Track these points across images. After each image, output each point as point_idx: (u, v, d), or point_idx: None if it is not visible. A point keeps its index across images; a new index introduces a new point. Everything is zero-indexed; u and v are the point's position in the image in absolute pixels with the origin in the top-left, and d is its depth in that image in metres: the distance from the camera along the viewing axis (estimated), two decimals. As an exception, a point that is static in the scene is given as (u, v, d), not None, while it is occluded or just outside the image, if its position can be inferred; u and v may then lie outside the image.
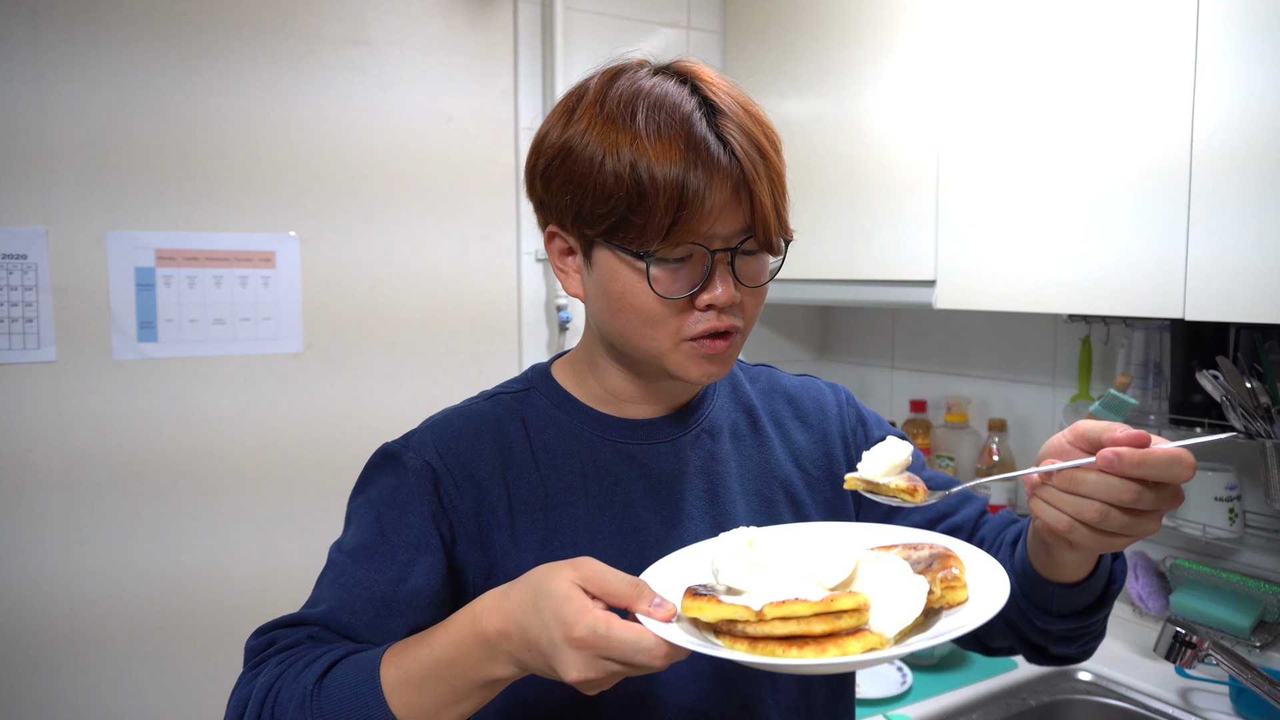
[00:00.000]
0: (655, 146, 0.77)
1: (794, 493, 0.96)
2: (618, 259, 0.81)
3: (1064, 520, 0.67)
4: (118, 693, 1.74)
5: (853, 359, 2.50)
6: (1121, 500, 0.64)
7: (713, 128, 0.79)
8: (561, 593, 0.65)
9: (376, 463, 0.88)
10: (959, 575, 0.69)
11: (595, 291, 0.85)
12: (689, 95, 0.80)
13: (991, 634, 0.91)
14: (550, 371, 0.96)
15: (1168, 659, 1.42)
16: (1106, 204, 1.46)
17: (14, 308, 1.64)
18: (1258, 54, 1.26)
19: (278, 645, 0.78)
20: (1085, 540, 0.68)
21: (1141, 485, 0.64)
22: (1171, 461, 0.63)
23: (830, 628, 0.63)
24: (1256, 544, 1.64)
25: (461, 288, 2.08)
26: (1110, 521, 0.65)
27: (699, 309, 0.81)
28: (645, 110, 0.79)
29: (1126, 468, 0.64)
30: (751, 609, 0.64)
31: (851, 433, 1.01)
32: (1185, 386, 1.64)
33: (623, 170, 0.77)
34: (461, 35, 2.06)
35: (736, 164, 0.78)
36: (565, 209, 0.82)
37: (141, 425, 1.76)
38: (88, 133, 1.69)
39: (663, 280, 0.80)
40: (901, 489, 0.73)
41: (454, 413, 0.92)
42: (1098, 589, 0.82)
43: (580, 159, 0.80)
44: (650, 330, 0.82)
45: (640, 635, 0.63)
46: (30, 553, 1.67)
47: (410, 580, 0.81)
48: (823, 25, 2.02)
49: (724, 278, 0.80)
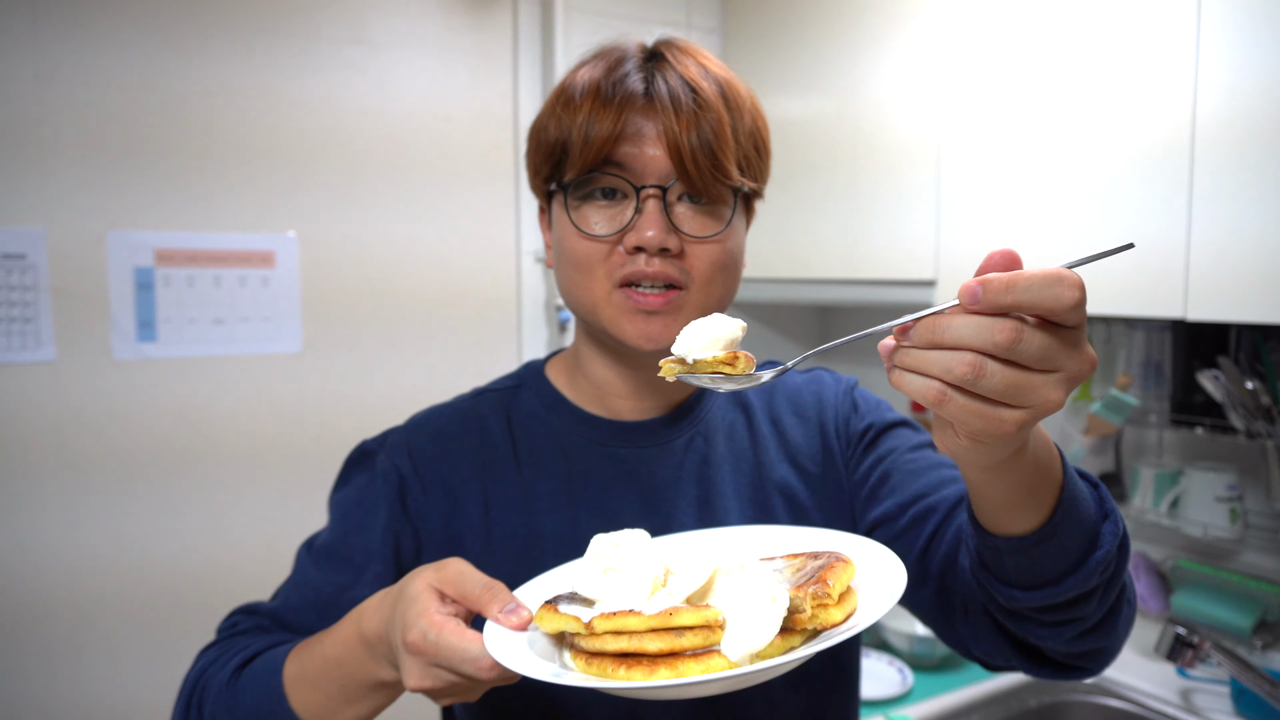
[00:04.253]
0: (583, 91, 0.80)
1: (792, 496, 0.89)
2: (559, 207, 0.83)
3: (934, 387, 0.50)
4: (115, 686, 1.74)
5: (853, 359, 2.50)
6: (997, 343, 0.47)
7: (643, 70, 0.80)
8: (412, 594, 0.63)
9: (354, 459, 0.88)
10: (829, 592, 0.57)
11: (553, 251, 0.86)
12: (637, 52, 0.83)
13: (980, 636, 0.75)
14: (544, 369, 0.93)
15: (1169, 659, 1.42)
16: (1108, 191, 1.46)
17: (13, 308, 1.64)
18: (1260, 34, 1.25)
19: (234, 630, 0.82)
20: (964, 415, 0.50)
21: (1020, 322, 0.48)
22: (1049, 280, 0.46)
23: (667, 646, 0.54)
24: (1257, 544, 1.64)
25: (461, 287, 2.08)
26: (990, 380, 0.48)
27: (627, 250, 0.79)
28: (590, 67, 0.83)
29: (994, 294, 0.47)
30: (582, 620, 0.57)
31: (843, 423, 0.92)
32: (1186, 386, 1.64)
33: (560, 119, 0.81)
34: (461, 35, 2.05)
35: (654, 97, 0.78)
36: (535, 175, 0.85)
37: (141, 425, 1.76)
38: (87, 133, 1.69)
39: (587, 218, 0.80)
40: (720, 360, 0.59)
41: (436, 411, 0.90)
42: (1069, 549, 0.61)
43: (539, 123, 0.84)
44: (582, 278, 0.81)
45: (467, 644, 0.58)
46: (31, 550, 1.67)
47: (355, 588, 0.80)
48: (822, 25, 2.02)
49: (654, 219, 0.78)
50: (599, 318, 0.81)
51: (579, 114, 0.79)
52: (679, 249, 0.79)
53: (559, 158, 0.81)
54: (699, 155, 0.77)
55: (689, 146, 0.77)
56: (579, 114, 0.79)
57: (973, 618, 0.75)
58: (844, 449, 0.92)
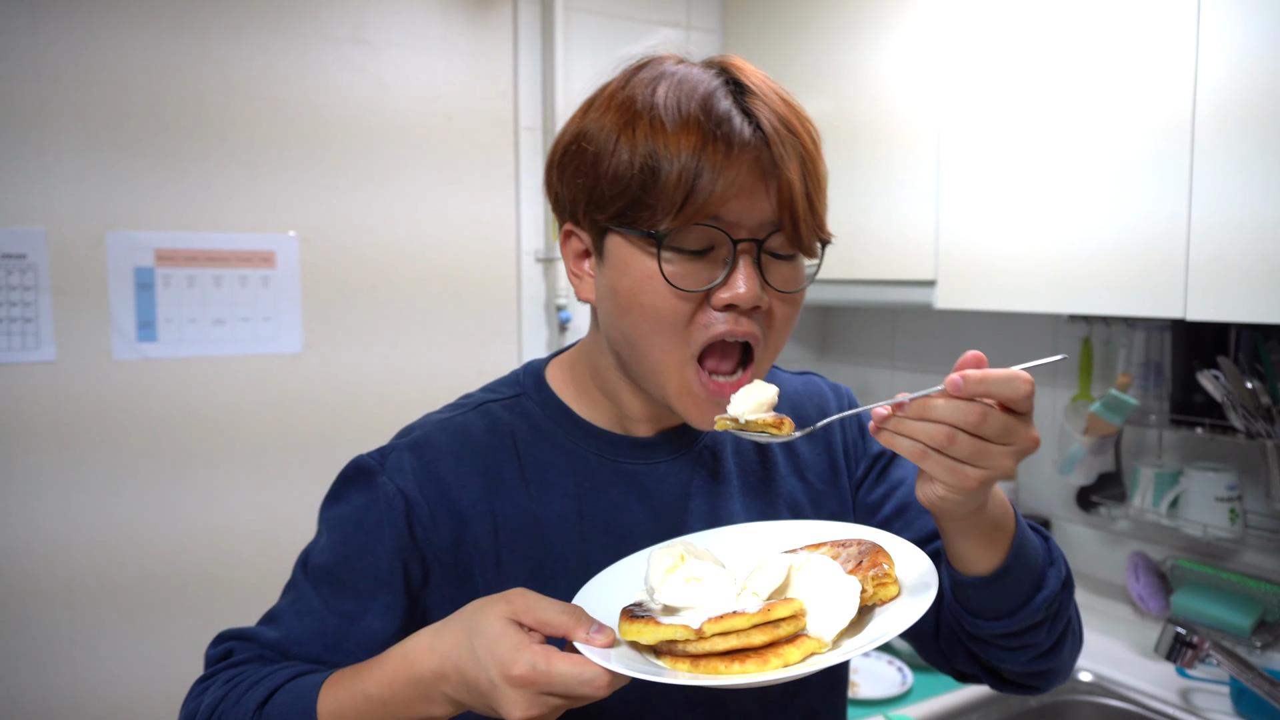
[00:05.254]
0: (672, 120, 0.71)
1: (799, 510, 0.91)
2: (629, 245, 0.74)
3: (917, 448, 0.65)
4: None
5: (853, 359, 2.50)
6: (968, 421, 0.63)
7: (738, 103, 0.72)
8: (495, 630, 0.63)
9: (349, 476, 0.82)
10: (889, 571, 0.68)
11: (605, 290, 0.77)
12: (715, 76, 0.74)
13: (955, 653, 0.86)
14: (544, 374, 0.88)
15: (1168, 659, 1.42)
16: (1108, 191, 1.46)
17: (13, 308, 1.64)
18: (1261, 17, 1.26)
19: (231, 660, 0.77)
20: (940, 471, 0.65)
21: (986, 408, 0.63)
22: (1009, 379, 0.63)
23: (770, 638, 0.62)
24: (1257, 544, 1.64)
25: (461, 288, 2.08)
26: (959, 446, 0.63)
27: (716, 308, 0.73)
28: (665, 89, 0.73)
29: (971, 386, 0.63)
30: (690, 627, 0.63)
31: (853, 444, 0.96)
32: (1186, 386, 1.64)
33: (636, 147, 0.71)
34: (461, 35, 2.05)
35: (761, 137, 0.71)
36: (578, 198, 0.76)
37: (141, 425, 1.76)
38: (87, 133, 1.69)
39: (677, 270, 0.73)
40: (768, 423, 0.71)
41: (436, 428, 0.83)
42: (1020, 589, 0.75)
43: (594, 141, 0.75)
44: (659, 336, 0.74)
45: (581, 667, 0.61)
46: (33, 548, 1.67)
47: (364, 619, 0.77)
48: (821, 25, 2.02)
49: (748, 274, 0.72)
50: (663, 386, 0.77)
51: (676, 150, 0.70)
52: (767, 305, 0.75)
53: (635, 194, 0.72)
54: (805, 208, 0.73)
55: (800, 199, 0.72)
56: (676, 150, 0.70)
57: (948, 639, 0.86)
58: (853, 470, 0.95)
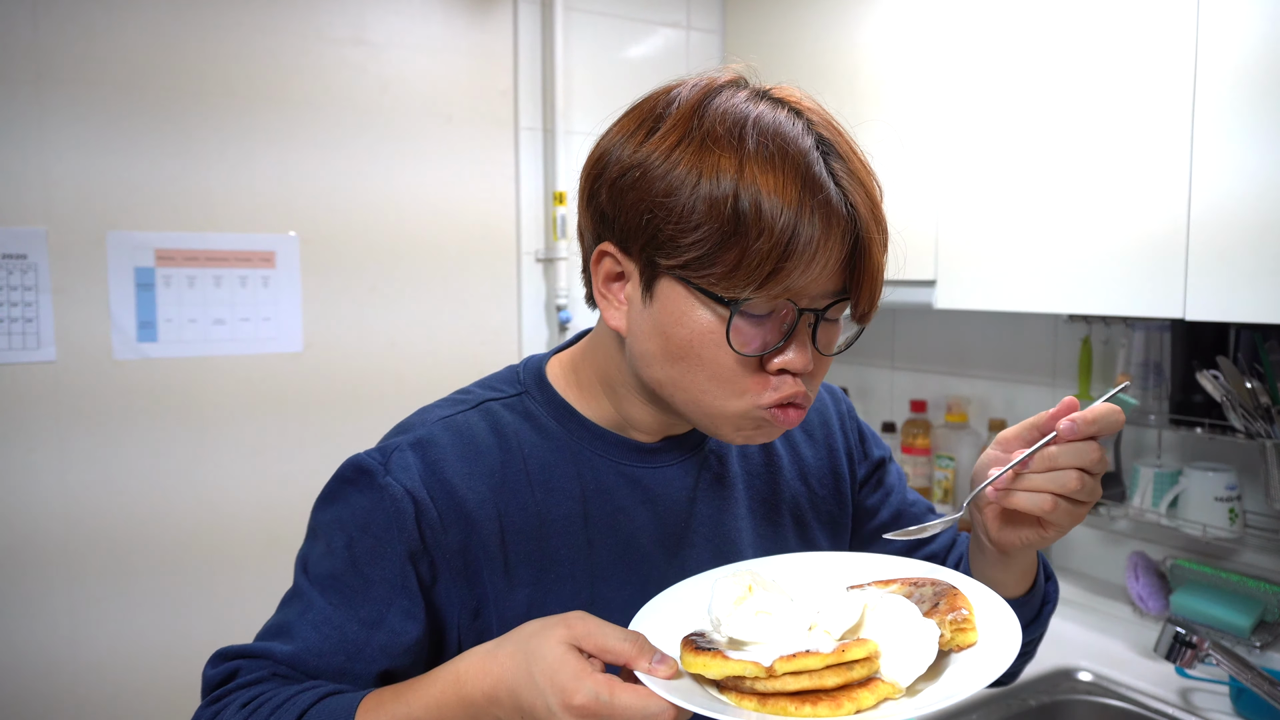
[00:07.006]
0: (767, 177, 0.66)
1: (800, 514, 0.91)
2: (693, 299, 0.69)
3: (1048, 500, 0.70)
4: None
5: (852, 359, 2.50)
6: (1091, 461, 0.68)
7: (830, 171, 0.68)
8: (556, 656, 0.61)
9: (349, 477, 0.77)
10: (969, 617, 0.66)
11: (648, 330, 0.73)
12: (805, 130, 0.69)
13: None
14: (545, 373, 0.85)
15: (1168, 659, 1.42)
16: (1108, 189, 1.46)
17: (14, 308, 1.64)
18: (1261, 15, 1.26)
19: (239, 681, 0.72)
20: (1063, 518, 0.71)
21: (1100, 445, 0.69)
22: (1109, 412, 0.69)
23: (843, 680, 0.60)
24: (1257, 544, 1.64)
25: (462, 288, 2.08)
26: (1086, 488, 0.69)
27: (770, 372, 0.71)
28: (756, 135, 0.67)
29: (1084, 427, 0.68)
30: (761, 664, 0.61)
31: (855, 448, 0.97)
32: (1185, 386, 1.64)
33: (722, 197, 0.66)
34: (461, 35, 2.05)
35: (855, 218, 0.68)
36: (635, 231, 0.70)
37: (141, 425, 1.76)
38: (87, 133, 1.69)
39: (742, 337, 0.69)
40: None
41: (439, 427, 0.79)
42: (1035, 606, 0.86)
43: (666, 177, 0.68)
44: (716, 389, 0.71)
45: (646, 700, 0.59)
46: (32, 543, 1.67)
47: (385, 625, 0.74)
48: (822, 25, 2.02)
49: (803, 341, 0.71)
50: (719, 424, 0.74)
51: (772, 217, 0.65)
52: (814, 368, 0.73)
53: (712, 251, 0.66)
54: (877, 286, 0.71)
55: (873, 278, 0.70)
56: (772, 217, 0.65)
57: None
58: (854, 475, 0.96)
